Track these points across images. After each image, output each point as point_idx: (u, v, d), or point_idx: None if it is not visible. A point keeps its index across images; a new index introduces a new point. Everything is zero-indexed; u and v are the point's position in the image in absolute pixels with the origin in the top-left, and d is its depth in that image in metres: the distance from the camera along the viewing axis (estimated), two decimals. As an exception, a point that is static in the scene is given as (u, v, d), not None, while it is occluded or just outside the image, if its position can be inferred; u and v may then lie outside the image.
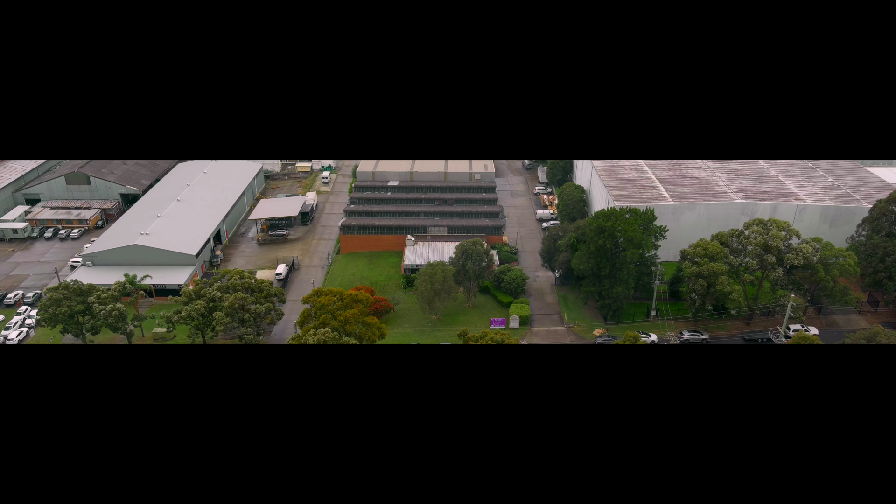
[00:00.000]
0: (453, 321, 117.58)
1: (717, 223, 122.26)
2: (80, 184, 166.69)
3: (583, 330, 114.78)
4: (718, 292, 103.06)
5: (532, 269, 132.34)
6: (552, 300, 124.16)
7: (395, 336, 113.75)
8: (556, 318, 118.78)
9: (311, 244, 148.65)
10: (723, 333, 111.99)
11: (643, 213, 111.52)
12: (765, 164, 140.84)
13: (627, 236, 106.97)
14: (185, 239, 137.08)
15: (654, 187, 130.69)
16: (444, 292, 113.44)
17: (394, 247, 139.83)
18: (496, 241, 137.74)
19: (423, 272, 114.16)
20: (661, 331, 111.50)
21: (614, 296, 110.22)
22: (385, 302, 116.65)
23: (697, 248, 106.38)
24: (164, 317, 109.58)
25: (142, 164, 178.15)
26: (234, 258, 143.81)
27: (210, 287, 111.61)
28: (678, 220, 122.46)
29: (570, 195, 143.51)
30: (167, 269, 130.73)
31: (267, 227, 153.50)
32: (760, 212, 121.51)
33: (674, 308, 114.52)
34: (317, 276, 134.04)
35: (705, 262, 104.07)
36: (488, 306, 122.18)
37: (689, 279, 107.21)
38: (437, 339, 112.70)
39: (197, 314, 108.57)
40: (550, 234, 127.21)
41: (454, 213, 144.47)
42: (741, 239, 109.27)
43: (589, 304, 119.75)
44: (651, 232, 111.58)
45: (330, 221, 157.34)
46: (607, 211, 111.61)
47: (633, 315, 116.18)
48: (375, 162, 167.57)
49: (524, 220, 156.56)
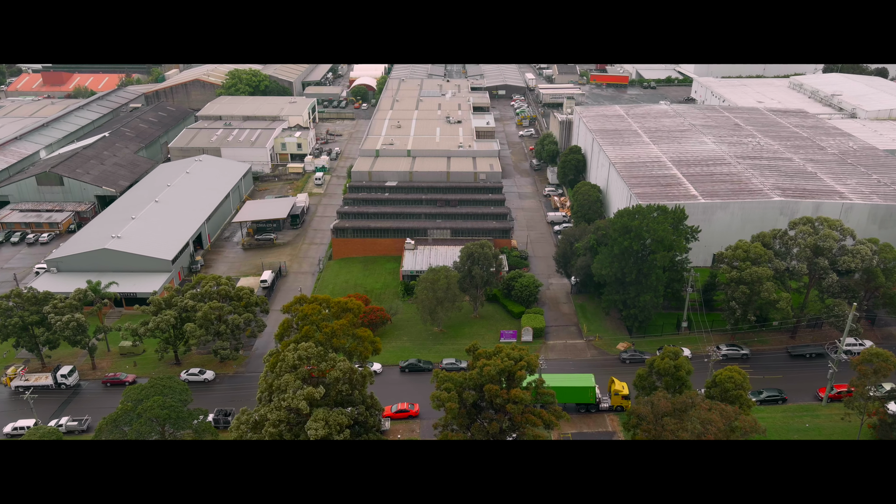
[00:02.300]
0: (458, 334, 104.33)
1: (753, 224, 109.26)
2: (53, 185, 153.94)
3: (605, 344, 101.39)
4: (763, 301, 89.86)
5: (545, 276, 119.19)
6: (568, 310, 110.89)
7: (391, 351, 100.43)
8: (573, 330, 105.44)
9: (301, 249, 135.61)
10: (765, 348, 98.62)
11: (673, 212, 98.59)
12: (799, 160, 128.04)
13: (656, 237, 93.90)
14: (162, 243, 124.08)
15: (681, 184, 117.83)
16: (447, 301, 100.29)
17: (391, 251, 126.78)
18: (504, 244, 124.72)
19: (424, 278, 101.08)
20: (695, 345, 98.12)
21: (641, 305, 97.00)
22: (381, 312, 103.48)
23: (737, 250, 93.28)
24: (130, 329, 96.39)
25: (121, 164, 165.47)
26: (216, 264, 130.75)
27: (182, 296, 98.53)
28: (709, 220, 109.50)
29: (586, 195, 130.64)
30: (140, 276, 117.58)
31: (253, 231, 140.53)
32: (802, 211, 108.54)
33: (708, 319, 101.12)
34: (306, 284, 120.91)
35: (747, 265, 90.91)
36: (497, 317, 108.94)
37: (728, 286, 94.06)
38: (439, 354, 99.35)
39: (167, 326, 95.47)
40: (566, 236, 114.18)
41: (458, 215, 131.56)
42: (785, 240, 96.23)
43: (611, 315, 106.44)
44: (682, 233, 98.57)
45: (322, 225, 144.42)
46: (632, 209, 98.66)
47: (662, 327, 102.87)
48: (372, 160, 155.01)
49: (534, 223, 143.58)
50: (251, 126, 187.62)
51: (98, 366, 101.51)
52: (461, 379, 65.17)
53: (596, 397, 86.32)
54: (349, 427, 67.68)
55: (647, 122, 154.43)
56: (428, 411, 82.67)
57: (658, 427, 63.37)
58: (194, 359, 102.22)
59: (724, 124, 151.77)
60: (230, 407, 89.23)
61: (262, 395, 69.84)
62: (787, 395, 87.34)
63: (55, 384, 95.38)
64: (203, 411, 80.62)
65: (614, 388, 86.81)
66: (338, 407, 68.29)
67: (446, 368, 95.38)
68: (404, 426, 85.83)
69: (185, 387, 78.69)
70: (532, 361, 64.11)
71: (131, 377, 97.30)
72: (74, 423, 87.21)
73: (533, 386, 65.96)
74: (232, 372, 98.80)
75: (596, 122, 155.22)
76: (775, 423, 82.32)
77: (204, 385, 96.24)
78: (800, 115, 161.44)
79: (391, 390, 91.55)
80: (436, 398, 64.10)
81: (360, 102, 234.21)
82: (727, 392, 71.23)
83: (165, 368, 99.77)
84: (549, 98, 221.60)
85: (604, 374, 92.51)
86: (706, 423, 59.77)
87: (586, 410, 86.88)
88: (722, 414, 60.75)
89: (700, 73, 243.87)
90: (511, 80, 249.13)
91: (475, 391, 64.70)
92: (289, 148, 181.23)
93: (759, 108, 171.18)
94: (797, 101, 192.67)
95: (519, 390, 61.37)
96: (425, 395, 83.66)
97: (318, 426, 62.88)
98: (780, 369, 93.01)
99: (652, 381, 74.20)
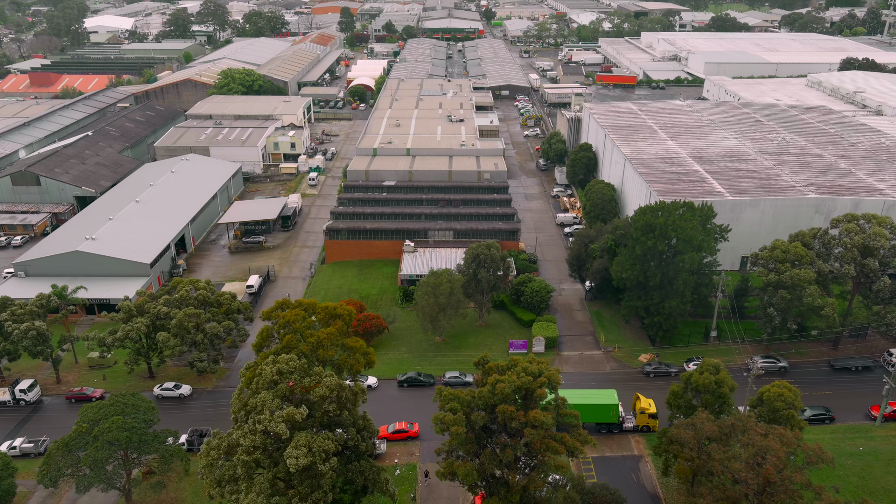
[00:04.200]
0: (462, 344, 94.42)
1: (786, 223, 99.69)
2: (29, 185, 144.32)
3: (625, 355, 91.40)
4: (805, 307, 79.96)
5: (556, 281, 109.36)
6: (583, 318, 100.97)
7: (389, 362, 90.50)
8: (590, 339, 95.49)
9: (292, 252, 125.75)
10: (803, 360, 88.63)
11: (700, 209, 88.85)
12: (830, 156, 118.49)
13: (684, 236, 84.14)
14: (140, 245, 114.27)
15: (704, 181, 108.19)
16: (450, 307, 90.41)
17: (389, 254, 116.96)
18: (511, 247, 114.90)
19: (425, 282, 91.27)
20: (726, 357, 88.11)
21: (666, 311, 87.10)
22: (377, 320, 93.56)
23: (775, 250, 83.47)
24: (97, 338, 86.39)
25: (103, 164, 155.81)
26: (200, 268, 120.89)
27: (156, 302, 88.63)
28: (737, 219, 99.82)
29: (599, 193, 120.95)
30: (116, 281, 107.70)
31: (241, 233, 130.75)
32: (839, 208, 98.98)
33: (739, 327, 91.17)
34: (296, 289, 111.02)
35: (787, 267, 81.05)
36: (504, 325, 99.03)
37: (764, 291, 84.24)
38: (442, 367, 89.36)
39: (138, 335, 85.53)
40: (580, 237, 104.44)
41: (461, 216, 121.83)
42: (826, 240, 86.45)
43: (631, 323, 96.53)
44: (709, 232, 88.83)
45: (315, 227, 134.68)
46: (656, 206, 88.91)
47: (689, 336, 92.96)
48: (369, 159, 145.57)
49: (542, 226, 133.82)
50: (242, 125, 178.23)
51: (64, 379, 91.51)
52: (469, 398, 55.18)
53: (619, 416, 76.36)
54: (337, 454, 57.65)
55: (663, 117, 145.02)
56: (429, 431, 72.77)
57: (702, 455, 53.34)
58: (170, 372, 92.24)
59: (745, 120, 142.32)
60: (207, 426, 79.13)
61: (237, 416, 59.84)
62: (835, 414, 77.33)
63: (13, 400, 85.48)
64: (172, 432, 70.66)
65: (640, 406, 76.86)
66: (324, 430, 58.27)
67: (449, 383, 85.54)
68: (402, 449, 75.73)
69: (150, 405, 68.64)
70: (554, 377, 54.16)
71: (99, 392, 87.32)
72: (30, 444, 77.12)
73: (553, 405, 55.96)
74: (211, 386, 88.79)
75: (607, 118, 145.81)
76: (825, 446, 71.90)
77: (179, 401, 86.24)
78: (823, 112, 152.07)
79: (388, 407, 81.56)
80: (439, 421, 54.04)
81: (358, 103, 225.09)
82: (777, 412, 61.25)
83: (138, 382, 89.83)
84: (555, 98, 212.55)
85: (626, 390, 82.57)
86: (763, 452, 49.76)
87: (608, 431, 76.88)
88: (782, 440, 50.73)
89: (710, 73, 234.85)
90: (514, 81, 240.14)
91: (486, 412, 54.70)
92: (282, 147, 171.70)
93: (779, 104, 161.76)
94: (816, 98, 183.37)
95: (539, 412, 51.37)
96: (426, 412, 73.90)
97: (300, 454, 52.86)
98: (825, 384, 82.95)
99: (688, 399, 64.20)
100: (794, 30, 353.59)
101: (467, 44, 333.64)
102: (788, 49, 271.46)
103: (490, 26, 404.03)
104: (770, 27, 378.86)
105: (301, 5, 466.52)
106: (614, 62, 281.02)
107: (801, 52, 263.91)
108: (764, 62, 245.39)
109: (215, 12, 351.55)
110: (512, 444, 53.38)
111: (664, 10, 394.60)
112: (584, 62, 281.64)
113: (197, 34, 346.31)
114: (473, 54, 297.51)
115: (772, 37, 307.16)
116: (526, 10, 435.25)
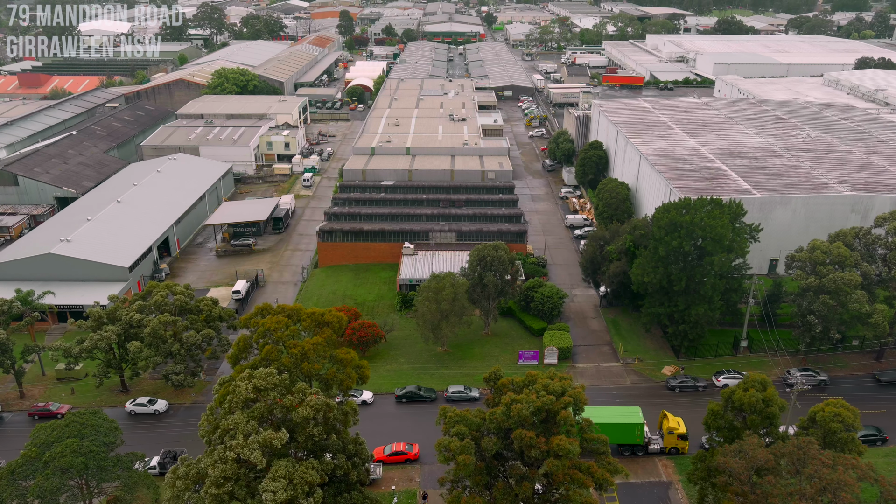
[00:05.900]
0: (466, 355, 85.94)
1: (819, 222, 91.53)
2: (6, 185, 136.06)
3: (646, 367, 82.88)
4: (851, 314, 71.55)
5: (567, 286, 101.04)
6: (598, 326, 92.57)
7: (386, 375, 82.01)
8: (607, 350, 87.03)
9: (283, 256, 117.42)
10: (844, 373, 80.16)
11: (728, 206, 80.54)
12: (860, 153, 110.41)
13: (713, 235, 75.81)
14: (119, 248, 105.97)
15: (729, 178, 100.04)
16: (453, 315, 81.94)
17: (387, 258, 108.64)
18: (519, 249, 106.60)
19: (427, 287, 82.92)
20: (759, 369, 79.52)
21: (692, 319, 78.64)
22: (373, 328, 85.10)
23: (815, 251, 75.14)
24: (62, 348, 77.92)
25: (86, 164, 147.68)
26: (184, 273, 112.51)
27: (129, 308, 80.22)
28: (766, 218, 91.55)
29: (613, 193, 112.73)
30: (92, 286, 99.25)
31: (229, 236, 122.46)
32: (878, 206, 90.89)
33: (773, 336, 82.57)
34: (286, 295, 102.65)
35: (829, 270, 72.73)
36: (513, 334, 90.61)
37: (802, 296, 75.86)
38: (444, 380, 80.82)
39: (107, 345, 77.08)
40: (594, 239, 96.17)
41: (464, 217, 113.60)
42: (869, 240, 78.21)
43: (652, 332, 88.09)
44: (739, 232, 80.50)
45: (309, 229, 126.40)
46: (680, 202, 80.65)
47: (717, 347, 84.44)
48: (367, 159, 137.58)
49: (551, 228, 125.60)
50: (235, 124, 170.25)
51: (28, 393, 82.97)
52: (479, 420, 46.67)
53: (644, 436, 67.85)
54: (324, 485, 49.08)
55: (678, 114, 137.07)
56: (430, 453, 64.19)
57: (756, 490, 44.79)
58: (146, 385, 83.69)
59: (765, 117, 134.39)
60: (182, 447, 70.62)
61: (210, 439, 51.37)
62: (887, 435, 68.81)
63: (-32, 418, 77.06)
64: (139, 455, 62.01)
65: (667, 426, 68.36)
66: (309, 456, 49.80)
67: (452, 398, 77.06)
68: (400, 473, 67.14)
69: (113, 424, 60.10)
70: (579, 396, 45.74)
71: (65, 407, 78.72)
72: (-18, 468, 68.42)
73: (576, 429, 47.46)
74: (189, 402, 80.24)
75: (619, 114, 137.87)
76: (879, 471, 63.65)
77: (154, 418, 77.77)
78: (845, 109, 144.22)
79: (384, 426, 73.07)
80: (444, 448, 45.44)
81: (356, 104, 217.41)
82: (833, 434, 52.77)
83: (109, 397, 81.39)
84: (561, 98, 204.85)
85: (649, 406, 73.98)
86: (834, 488, 41.28)
87: (631, 453, 68.35)
88: (855, 472, 42.26)
89: (719, 74, 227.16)
90: (518, 81, 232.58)
91: (498, 436, 46.20)
92: (275, 147, 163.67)
93: (798, 101, 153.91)
94: (834, 97, 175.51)
95: (564, 438, 42.85)
96: (427, 431, 65.40)
97: (279, 487, 44.42)
98: (871, 400, 74.37)
99: (730, 420, 55.63)
100: (801, 33, 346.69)
101: (469, 46, 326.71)
102: (798, 50, 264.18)
103: (491, 31, 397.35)
104: (777, 31, 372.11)
105: (300, 10, 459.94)
106: (619, 64, 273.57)
107: (811, 54, 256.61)
108: (775, 63, 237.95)
109: (212, 16, 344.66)
110: (529, 476, 44.83)
111: (668, 15, 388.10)
112: (589, 64, 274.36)
113: (193, 37, 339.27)
114: (475, 56, 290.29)
115: (780, 39, 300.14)
116: (527, 15, 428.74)
